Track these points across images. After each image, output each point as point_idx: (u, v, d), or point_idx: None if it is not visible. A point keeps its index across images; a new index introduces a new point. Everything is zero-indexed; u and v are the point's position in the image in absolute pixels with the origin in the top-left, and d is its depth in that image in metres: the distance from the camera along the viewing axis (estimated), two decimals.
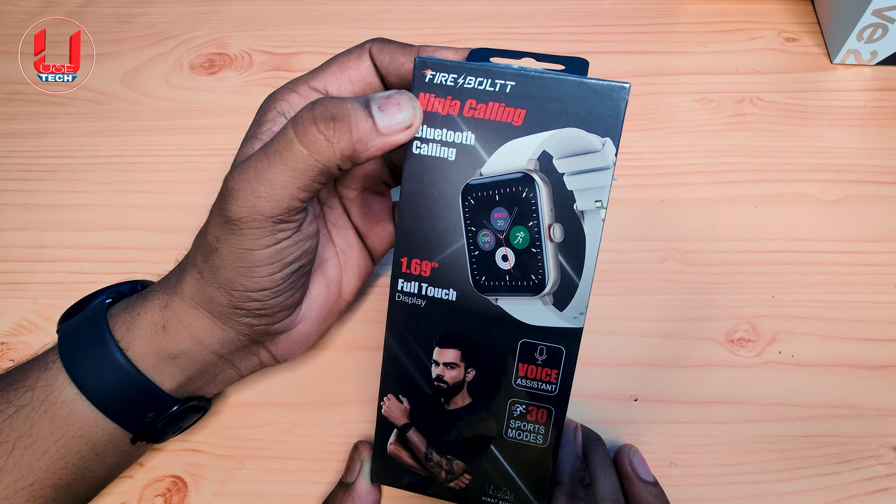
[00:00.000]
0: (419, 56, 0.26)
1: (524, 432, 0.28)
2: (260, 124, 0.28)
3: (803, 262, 0.39)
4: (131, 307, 0.28)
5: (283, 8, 0.51)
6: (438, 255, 0.27)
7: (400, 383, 0.28)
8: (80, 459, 0.27)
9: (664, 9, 0.50)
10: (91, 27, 0.50)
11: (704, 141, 0.43)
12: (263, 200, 0.24)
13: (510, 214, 0.26)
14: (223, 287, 0.26)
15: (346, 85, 0.28)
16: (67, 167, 0.43)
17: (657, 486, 0.30)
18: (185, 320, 0.28)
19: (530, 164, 0.26)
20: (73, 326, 0.28)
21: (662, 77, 0.46)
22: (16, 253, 0.40)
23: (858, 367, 0.36)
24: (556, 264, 0.26)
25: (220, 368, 0.30)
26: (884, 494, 0.32)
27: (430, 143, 0.26)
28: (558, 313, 0.27)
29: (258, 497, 0.33)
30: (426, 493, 0.29)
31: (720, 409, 0.35)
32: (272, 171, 0.24)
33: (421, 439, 0.29)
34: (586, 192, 0.26)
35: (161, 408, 0.28)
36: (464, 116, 0.26)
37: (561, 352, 0.27)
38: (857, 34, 0.44)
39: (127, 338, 0.27)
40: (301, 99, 0.28)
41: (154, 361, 0.28)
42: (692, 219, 0.40)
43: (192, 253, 0.28)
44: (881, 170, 0.42)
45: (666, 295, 0.38)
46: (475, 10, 0.50)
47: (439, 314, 0.27)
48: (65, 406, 0.27)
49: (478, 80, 0.25)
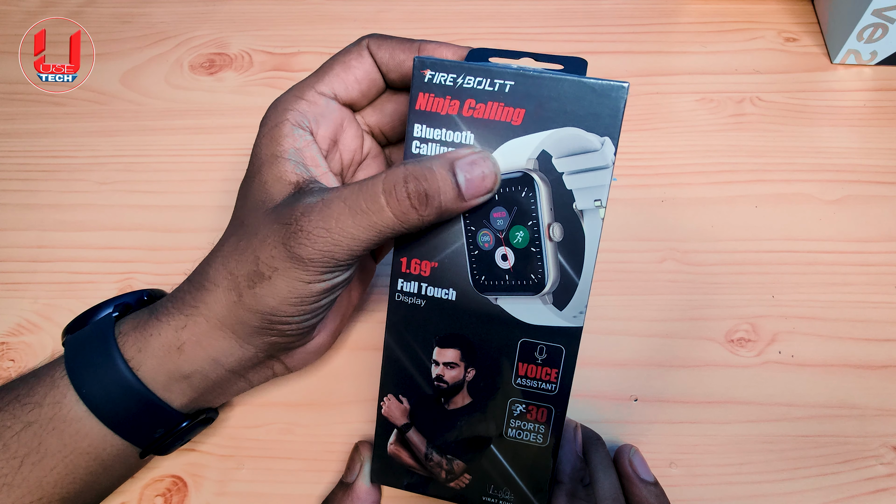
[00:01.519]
0: (418, 56, 0.26)
1: (524, 432, 0.28)
2: (279, 140, 0.27)
3: (803, 262, 0.39)
4: (143, 327, 0.28)
5: (283, 8, 0.51)
6: (438, 254, 0.27)
7: (400, 383, 0.28)
8: (87, 474, 0.27)
9: (664, 9, 0.50)
10: (91, 27, 0.50)
11: (704, 141, 0.43)
12: (339, 249, 0.24)
13: (509, 214, 0.26)
14: (261, 312, 0.26)
15: (353, 85, 0.28)
16: (67, 167, 0.43)
17: (657, 486, 0.30)
18: (205, 341, 0.27)
19: (529, 164, 0.26)
20: (80, 341, 0.28)
21: (662, 77, 0.46)
22: (16, 253, 0.40)
23: (858, 367, 0.36)
24: (556, 263, 0.26)
25: (231, 383, 0.30)
26: (884, 494, 0.32)
27: (430, 143, 0.26)
28: (558, 312, 0.27)
29: (258, 497, 0.33)
30: (426, 494, 0.29)
31: (720, 409, 0.35)
32: (356, 226, 0.24)
33: (421, 439, 0.29)
34: (585, 191, 0.26)
35: (171, 424, 0.28)
36: (463, 116, 0.26)
37: (561, 351, 0.27)
38: (857, 34, 0.44)
39: (138, 358, 0.27)
40: (311, 106, 0.28)
41: (165, 381, 0.27)
42: (692, 219, 0.40)
43: (226, 273, 0.27)
44: (881, 170, 0.42)
45: (666, 295, 0.38)
46: (475, 10, 0.50)
47: (439, 314, 0.27)
48: (73, 423, 0.27)
49: (477, 80, 0.25)
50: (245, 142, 0.44)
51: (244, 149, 0.44)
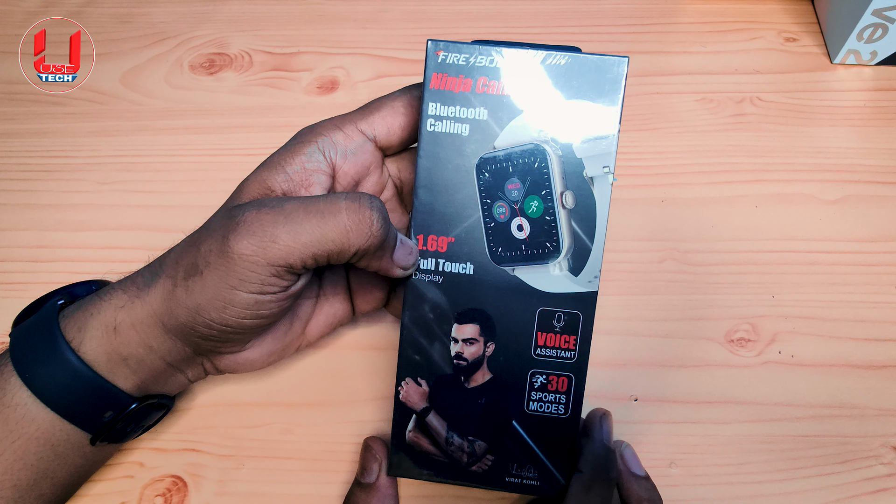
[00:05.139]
0: (431, 39, 0.27)
1: (545, 403, 0.28)
2: (293, 155, 0.27)
3: (803, 262, 0.39)
4: (85, 306, 0.28)
5: (283, 8, 0.51)
6: (455, 229, 0.28)
7: (418, 366, 0.28)
8: (39, 460, 0.27)
9: (664, 9, 0.50)
10: (91, 27, 0.50)
11: (704, 141, 0.43)
12: (276, 248, 0.24)
13: (524, 185, 0.27)
14: (190, 309, 0.26)
15: (396, 132, 0.29)
16: (67, 167, 0.43)
17: (649, 481, 0.30)
18: (139, 325, 0.27)
19: (541, 136, 0.27)
20: (24, 329, 0.28)
21: (662, 77, 0.46)
22: (16, 253, 0.40)
23: (858, 367, 0.36)
24: (570, 230, 0.27)
25: (170, 374, 0.29)
26: (884, 494, 0.32)
27: (445, 120, 0.27)
28: (573, 279, 0.28)
29: (258, 497, 0.33)
30: (448, 481, 0.29)
31: (720, 409, 0.35)
32: (304, 225, 0.24)
33: (441, 423, 0.29)
34: (594, 158, 0.27)
35: (119, 407, 0.28)
36: (476, 93, 0.27)
37: (578, 317, 0.28)
38: (857, 34, 0.44)
39: (78, 337, 0.27)
40: (346, 140, 0.28)
41: (107, 362, 0.27)
42: (692, 219, 0.40)
43: (173, 262, 0.27)
44: (881, 170, 0.42)
45: (666, 295, 0.38)
46: (475, 10, 0.50)
47: (457, 289, 0.28)
48: (18, 409, 0.26)
49: (488, 59, 0.27)
50: (245, 142, 0.44)
51: (244, 149, 0.44)
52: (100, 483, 0.33)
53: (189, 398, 0.35)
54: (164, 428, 0.34)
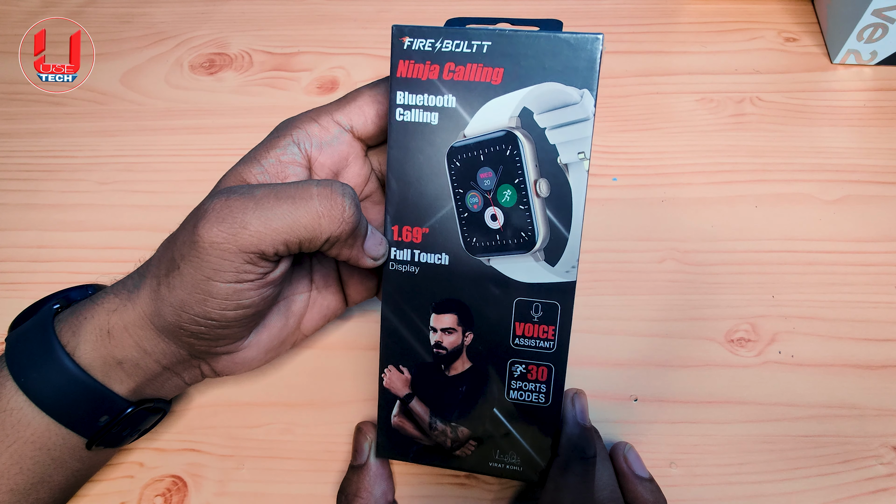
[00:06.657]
0: (396, 24, 0.26)
1: (525, 392, 0.28)
2: (268, 148, 0.27)
3: (803, 262, 0.39)
4: (79, 311, 0.28)
5: (283, 8, 0.51)
6: (428, 220, 0.27)
7: (399, 354, 0.28)
8: (35, 465, 0.27)
9: (664, 9, 0.50)
10: (91, 27, 0.50)
11: (704, 141, 0.43)
12: (247, 234, 0.24)
13: (496, 173, 0.26)
14: (174, 306, 0.26)
15: (373, 121, 0.28)
16: (67, 167, 0.43)
17: (653, 483, 0.30)
18: (131, 328, 0.27)
19: (512, 122, 0.26)
20: (20, 333, 0.28)
21: (662, 77, 0.46)
22: (16, 253, 0.40)
23: (858, 367, 0.36)
24: (545, 219, 0.27)
25: (166, 377, 0.29)
26: (884, 494, 0.32)
27: (413, 109, 0.27)
28: (550, 269, 0.27)
29: (258, 497, 0.33)
30: (433, 464, 0.29)
31: (720, 409, 0.35)
32: (275, 211, 0.24)
33: (424, 409, 0.29)
34: (568, 144, 0.26)
35: (114, 411, 0.28)
36: (443, 80, 0.26)
37: (556, 307, 0.27)
38: (857, 34, 0.44)
39: (73, 342, 0.27)
40: (321, 132, 0.28)
41: (102, 366, 0.27)
42: (692, 219, 0.40)
43: (157, 261, 0.27)
44: (881, 170, 0.42)
45: (666, 295, 0.38)
46: (475, 11, 0.50)
47: (434, 280, 0.28)
48: (14, 413, 0.26)
49: (455, 43, 0.26)
50: (245, 142, 0.44)
51: (244, 149, 0.43)
52: (100, 483, 0.33)
53: (188, 399, 0.35)
54: (164, 428, 0.34)
